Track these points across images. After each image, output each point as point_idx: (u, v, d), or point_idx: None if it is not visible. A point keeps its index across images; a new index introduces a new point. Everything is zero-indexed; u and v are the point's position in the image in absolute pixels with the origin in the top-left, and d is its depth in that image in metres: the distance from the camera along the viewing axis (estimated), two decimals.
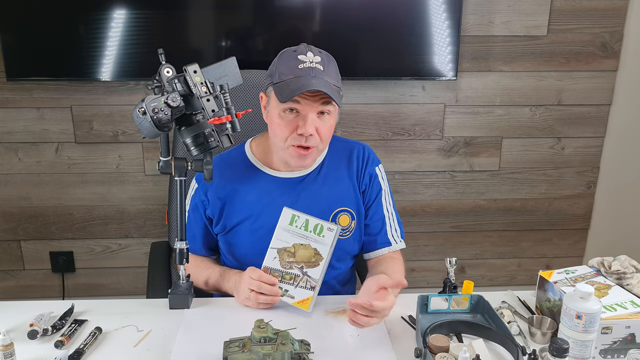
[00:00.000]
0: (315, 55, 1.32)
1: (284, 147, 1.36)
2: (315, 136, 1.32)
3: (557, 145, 2.45)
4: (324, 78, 1.30)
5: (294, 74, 1.29)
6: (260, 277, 1.29)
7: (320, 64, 1.31)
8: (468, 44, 2.27)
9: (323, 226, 1.33)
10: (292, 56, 1.32)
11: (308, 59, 1.31)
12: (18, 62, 2.12)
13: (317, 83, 1.28)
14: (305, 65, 1.30)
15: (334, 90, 1.31)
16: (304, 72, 1.29)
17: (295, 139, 1.32)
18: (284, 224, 1.34)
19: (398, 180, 2.44)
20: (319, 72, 1.30)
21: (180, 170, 1.30)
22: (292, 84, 1.29)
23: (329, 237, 1.32)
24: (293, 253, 1.33)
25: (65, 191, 2.34)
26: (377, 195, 1.49)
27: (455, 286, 1.35)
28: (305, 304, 1.30)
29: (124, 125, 2.27)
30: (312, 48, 1.33)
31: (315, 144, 1.34)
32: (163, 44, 1.27)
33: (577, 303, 1.08)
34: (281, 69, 1.32)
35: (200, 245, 1.50)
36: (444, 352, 1.10)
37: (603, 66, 2.34)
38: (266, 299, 1.29)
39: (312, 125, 1.31)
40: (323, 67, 1.31)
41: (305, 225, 1.33)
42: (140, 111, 1.18)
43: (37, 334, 1.20)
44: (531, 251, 2.61)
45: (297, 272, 1.32)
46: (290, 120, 1.32)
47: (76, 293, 2.47)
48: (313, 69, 1.30)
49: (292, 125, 1.32)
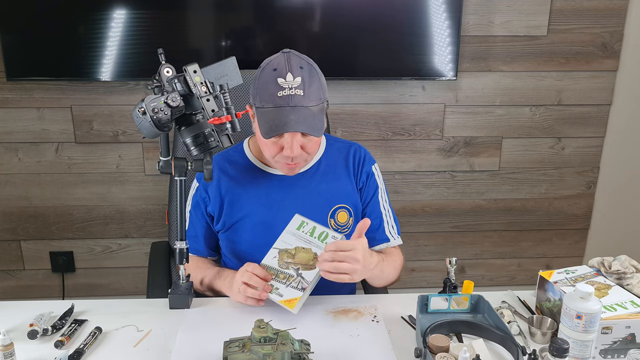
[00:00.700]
0: (295, 76, 1.27)
1: (273, 162, 1.39)
2: (302, 153, 1.33)
3: (557, 145, 2.45)
4: (304, 105, 1.27)
5: (274, 102, 1.27)
6: (254, 270, 1.30)
7: (300, 87, 1.27)
8: (468, 44, 2.27)
9: (328, 234, 1.34)
10: (272, 78, 1.28)
11: (287, 84, 1.27)
12: (18, 62, 2.12)
13: (296, 119, 1.26)
14: (285, 93, 1.26)
15: (314, 118, 1.29)
16: (284, 101, 1.27)
17: (282, 157, 1.34)
18: (292, 229, 1.36)
19: (398, 180, 2.44)
20: (299, 100, 1.27)
21: (180, 170, 1.30)
22: (272, 118, 1.27)
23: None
24: (293, 255, 1.33)
25: (65, 191, 2.34)
26: (374, 194, 1.51)
27: (455, 286, 1.35)
28: (292, 303, 1.27)
29: (124, 125, 2.27)
30: (292, 65, 1.28)
31: (302, 160, 1.36)
32: (163, 44, 1.27)
33: (577, 303, 1.08)
34: (262, 94, 1.30)
35: (202, 244, 1.51)
36: (444, 352, 1.10)
37: (603, 66, 2.34)
38: (254, 293, 1.28)
39: (297, 146, 1.30)
40: (303, 91, 1.27)
41: (311, 232, 1.34)
42: (140, 111, 1.18)
43: (37, 334, 1.20)
44: (531, 251, 2.61)
45: (292, 273, 1.31)
46: (275, 141, 1.32)
47: (76, 293, 2.48)
48: (292, 97, 1.26)
49: (277, 146, 1.33)
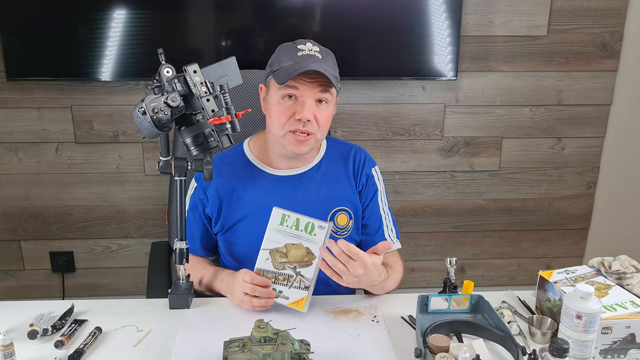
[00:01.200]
0: (314, 45, 1.38)
1: (281, 135, 1.37)
2: (313, 122, 1.35)
3: (557, 145, 2.45)
4: (323, 65, 1.34)
5: (293, 60, 1.34)
6: (253, 280, 1.28)
7: (319, 53, 1.36)
8: (468, 44, 2.27)
9: (314, 224, 1.30)
10: (292, 46, 1.38)
11: (307, 48, 1.36)
12: (18, 62, 2.11)
13: (316, 66, 1.32)
14: (304, 52, 1.35)
15: (332, 76, 1.34)
16: (303, 58, 1.34)
17: (293, 124, 1.34)
18: (275, 224, 1.31)
19: (398, 180, 2.44)
20: (318, 60, 1.35)
21: (180, 170, 1.30)
22: (291, 68, 1.32)
23: (321, 235, 1.29)
24: (285, 253, 1.30)
25: (65, 191, 2.34)
26: (374, 196, 1.50)
27: (455, 286, 1.35)
28: (300, 304, 1.28)
29: (124, 125, 2.27)
30: (311, 41, 1.39)
31: (313, 131, 1.36)
32: (163, 44, 1.27)
33: (577, 303, 1.08)
34: (280, 57, 1.37)
35: (199, 245, 1.50)
36: (444, 352, 1.10)
37: (603, 66, 2.34)
38: (260, 302, 1.28)
39: (310, 110, 1.33)
40: (322, 56, 1.36)
41: (296, 225, 1.30)
42: (140, 111, 1.18)
43: (37, 334, 1.20)
44: (531, 251, 2.61)
45: (291, 273, 1.30)
46: (289, 106, 1.35)
47: (76, 293, 2.47)
48: (312, 56, 1.35)
49: (290, 111, 1.34)
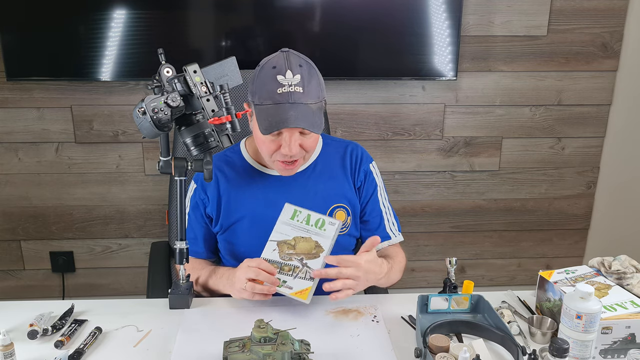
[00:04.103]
0: (294, 74, 1.27)
1: (270, 160, 1.38)
2: (300, 151, 1.33)
3: (557, 145, 2.45)
4: (304, 102, 1.27)
5: (273, 99, 1.27)
6: (259, 265, 1.26)
7: (300, 84, 1.27)
8: (468, 44, 2.27)
9: (325, 220, 1.33)
10: (271, 75, 1.28)
11: (287, 81, 1.27)
12: (18, 62, 2.12)
13: (295, 115, 1.26)
14: (284, 90, 1.26)
15: (313, 115, 1.29)
16: (283, 98, 1.26)
17: (280, 155, 1.33)
18: (285, 218, 1.34)
19: (398, 180, 2.44)
20: (299, 97, 1.27)
21: (180, 170, 1.30)
22: (272, 115, 1.27)
23: (331, 231, 1.32)
24: (293, 245, 1.31)
25: (65, 191, 2.34)
26: (374, 192, 1.51)
27: (455, 286, 1.35)
28: (304, 294, 1.26)
29: (124, 125, 2.27)
30: (291, 62, 1.29)
31: (300, 156, 1.36)
32: (163, 44, 1.27)
33: (577, 303, 1.08)
34: (260, 91, 1.29)
35: (202, 246, 1.50)
36: (444, 352, 1.10)
37: (603, 66, 2.34)
38: (262, 289, 1.25)
39: (295, 144, 1.30)
40: (303, 88, 1.27)
41: (307, 220, 1.33)
42: (140, 111, 1.18)
43: (37, 334, 1.20)
44: (531, 251, 2.61)
45: (297, 264, 1.29)
46: (274, 139, 1.32)
47: (76, 293, 2.47)
48: (292, 93, 1.26)
49: (275, 144, 1.32)
